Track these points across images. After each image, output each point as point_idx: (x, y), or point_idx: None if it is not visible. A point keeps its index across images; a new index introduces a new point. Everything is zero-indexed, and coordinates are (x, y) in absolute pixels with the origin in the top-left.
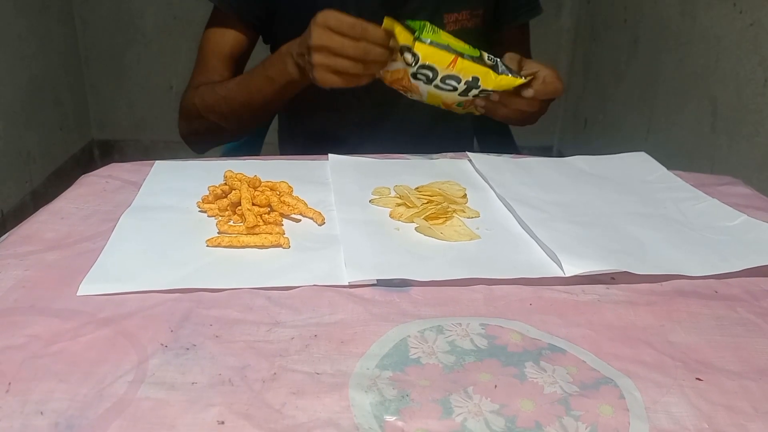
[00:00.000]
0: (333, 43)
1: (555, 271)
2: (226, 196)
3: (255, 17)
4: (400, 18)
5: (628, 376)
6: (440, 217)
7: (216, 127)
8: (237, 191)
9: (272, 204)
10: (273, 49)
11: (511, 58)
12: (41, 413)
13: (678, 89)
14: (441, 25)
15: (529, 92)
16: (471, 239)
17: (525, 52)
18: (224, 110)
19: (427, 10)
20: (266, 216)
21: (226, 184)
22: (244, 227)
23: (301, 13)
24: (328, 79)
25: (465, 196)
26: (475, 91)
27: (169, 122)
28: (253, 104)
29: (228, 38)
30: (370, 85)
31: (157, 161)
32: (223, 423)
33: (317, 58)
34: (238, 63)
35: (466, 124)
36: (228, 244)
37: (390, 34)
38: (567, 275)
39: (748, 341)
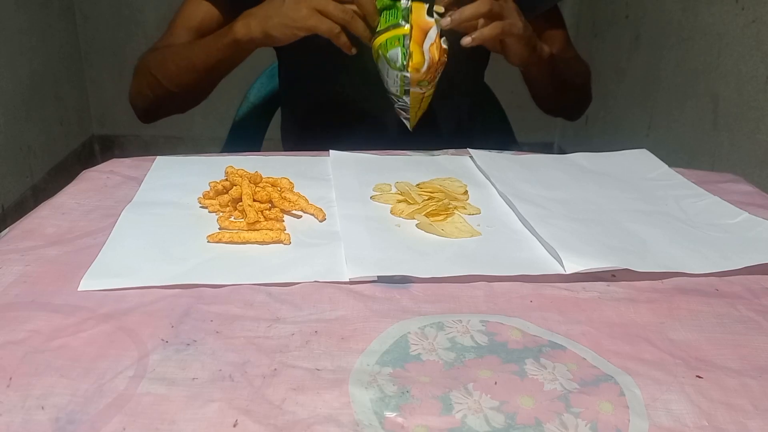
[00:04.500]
0: None
1: (556, 268)
2: (227, 192)
3: (224, 3)
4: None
5: (628, 373)
6: (441, 214)
7: (159, 87)
8: (238, 187)
9: (273, 200)
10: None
11: None
12: (42, 408)
13: (679, 86)
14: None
15: (445, 21)
16: (472, 236)
17: (562, 42)
18: (170, 67)
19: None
20: (267, 212)
21: (227, 179)
22: (245, 223)
23: None
24: (311, 18)
25: (466, 192)
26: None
27: (169, 117)
28: (196, 63)
29: (200, 11)
30: (375, 80)
31: (158, 157)
32: (235, 425)
33: None
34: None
35: (467, 115)
36: (229, 240)
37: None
38: (568, 272)
39: (748, 339)
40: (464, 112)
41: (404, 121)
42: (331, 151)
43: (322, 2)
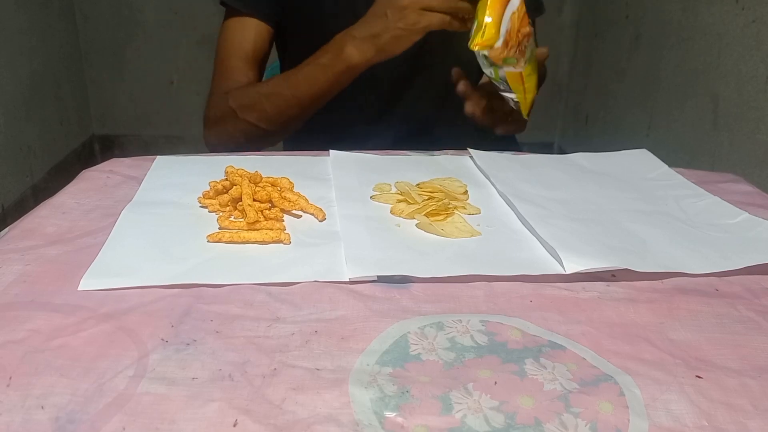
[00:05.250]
0: None
1: (556, 268)
2: (227, 192)
3: (271, 12)
4: None
5: (628, 373)
6: (441, 214)
7: (254, 130)
8: (238, 187)
9: (273, 200)
10: (279, 46)
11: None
12: (42, 408)
13: (679, 86)
14: None
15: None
16: (472, 236)
17: None
18: (267, 108)
19: None
20: (267, 212)
21: (227, 179)
22: (244, 223)
23: (309, 4)
24: (422, 19)
25: (466, 192)
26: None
27: (170, 117)
28: (301, 98)
29: (249, 36)
30: (376, 80)
31: (158, 156)
32: (235, 425)
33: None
34: (260, 62)
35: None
36: (229, 239)
37: None
38: (567, 272)
39: (748, 339)
40: (464, 112)
41: (516, 107)
42: (331, 150)
43: (425, 0)
